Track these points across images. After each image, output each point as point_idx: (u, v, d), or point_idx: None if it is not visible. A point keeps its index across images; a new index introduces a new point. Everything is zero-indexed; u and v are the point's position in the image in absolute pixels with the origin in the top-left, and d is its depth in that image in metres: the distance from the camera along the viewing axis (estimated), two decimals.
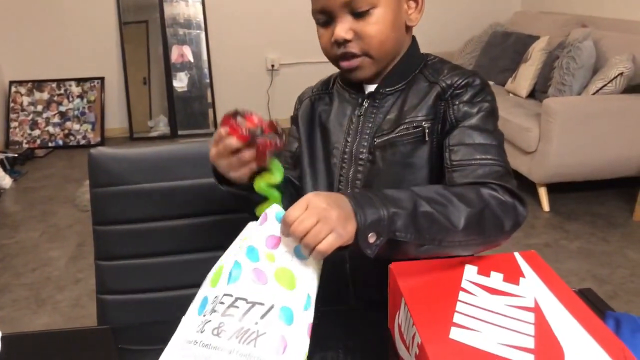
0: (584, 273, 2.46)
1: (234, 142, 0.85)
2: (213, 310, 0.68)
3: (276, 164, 0.90)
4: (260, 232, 0.78)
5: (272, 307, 0.69)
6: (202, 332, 0.66)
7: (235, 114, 0.87)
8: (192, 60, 4.79)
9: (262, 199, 0.89)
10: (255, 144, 0.85)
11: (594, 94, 3.03)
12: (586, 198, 3.22)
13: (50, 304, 2.38)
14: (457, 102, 0.94)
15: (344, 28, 0.93)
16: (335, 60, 0.99)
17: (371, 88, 1.02)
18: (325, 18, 0.96)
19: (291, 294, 0.72)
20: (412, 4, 0.98)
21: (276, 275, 0.73)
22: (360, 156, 1.00)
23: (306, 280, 0.75)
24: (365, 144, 1.00)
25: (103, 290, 1.17)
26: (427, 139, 0.95)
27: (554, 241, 2.78)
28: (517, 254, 0.83)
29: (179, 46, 4.76)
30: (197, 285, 0.78)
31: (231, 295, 0.69)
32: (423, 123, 0.95)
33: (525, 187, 3.24)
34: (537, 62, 3.61)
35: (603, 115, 2.93)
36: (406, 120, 0.96)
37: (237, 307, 0.68)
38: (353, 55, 0.95)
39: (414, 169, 0.97)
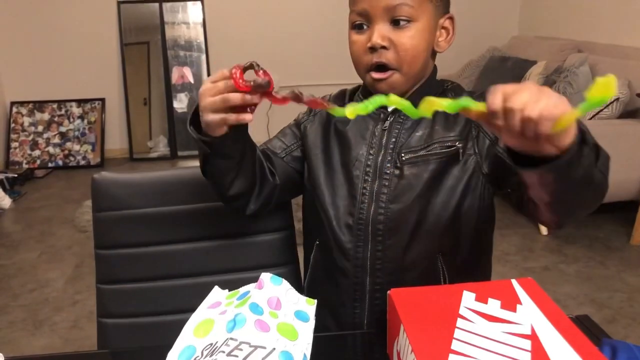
0: (582, 297, 2.46)
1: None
2: (219, 352, 0.71)
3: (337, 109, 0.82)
4: (262, 294, 0.83)
5: (273, 349, 0.73)
6: None
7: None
8: (192, 81, 4.83)
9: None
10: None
11: (590, 119, 3.06)
12: (584, 222, 3.23)
13: (47, 325, 2.37)
14: None
15: (381, 34, 0.95)
16: (365, 69, 1.00)
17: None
18: (361, 21, 0.98)
19: (292, 343, 0.76)
20: (444, 33, 1.03)
21: (278, 327, 0.77)
22: (386, 170, 1.02)
23: (305, 339, 0.78)
24: (390, 158, 1.02)
25: (104, 313, 1.18)
26: (461, 158, 1.00)
27: (553, 265, 2.78)
28: (514, 281, 0.84)
29: (179, 67, 4.81)
30: None
31: (236, 340, 0.73)
32: (457, 143, 0.99)
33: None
34: None
35: (600, 140, 2.89)
36: (438, 139, 1.01)
37: (241, 349, 0.72)
38: (386, 68, 0.98)
39: (443, 185, 1.01)
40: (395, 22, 0.95)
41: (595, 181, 0.80)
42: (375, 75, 0.99)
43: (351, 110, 0.79)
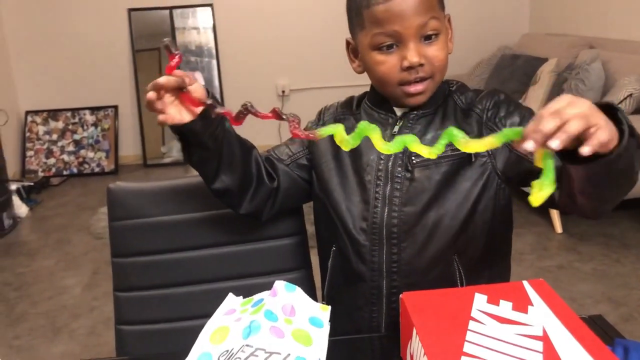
0: (599, 295, 2.45)
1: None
2: (236, 358, 0.73)
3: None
4: (276, 301, 0.84)
5: (288, 355, 0.74)
6: None
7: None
8: None
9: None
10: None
11: None
12: (599, 220, 3.20)
13: (66, 332, 2.40)
14: (497, 120, 1.01)
15: (418, 52, 0.97)
16: (398, 84, 1.01)
17: (405, 109, 1.06)
18: (390, 42, 0.98)
19: (306, 349, 0.77)
20: (449, 33, 1.05)
21: (293, 334, 0.79)
22: (397, 174, 1.03)
23: (320, 345, 0.80)
24: (401, 162, 1.03)
25: (121, 320, 1.20)
26: (473, 160, 1.01)
27: (568, 263, 2.77)
28: (525, 282, 0.84)
29: (190, 73, 4.82)
30: None
31: (251, 346, 0.74)
32: None
33: (537, 208, 3.24)
34: (546, 84, 3.63)
35: None
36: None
37: (256, 355, 0.73)
38: (422, 80, 1.00)
39: (456, 187, 1.02)
40: (426, 38, 0.98)
41: (636, 169, 0.82)
42: (411, 89, 1.00)
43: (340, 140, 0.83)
